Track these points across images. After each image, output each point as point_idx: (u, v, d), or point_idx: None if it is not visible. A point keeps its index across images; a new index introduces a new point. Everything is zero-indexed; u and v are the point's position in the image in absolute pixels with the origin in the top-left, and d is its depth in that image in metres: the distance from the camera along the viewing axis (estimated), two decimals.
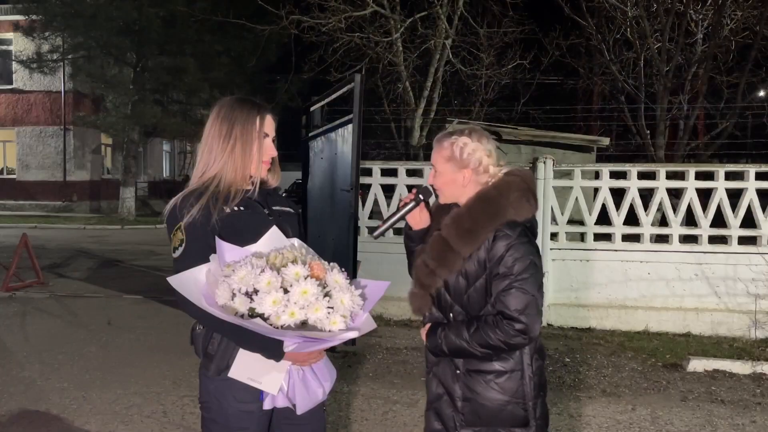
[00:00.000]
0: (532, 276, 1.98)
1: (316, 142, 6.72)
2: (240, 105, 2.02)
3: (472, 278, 2.04)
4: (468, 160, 2.09)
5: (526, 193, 2.07)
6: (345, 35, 13.41)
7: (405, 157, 15.84)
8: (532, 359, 2.08)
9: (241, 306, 1.70)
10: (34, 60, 20.50)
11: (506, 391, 2.04)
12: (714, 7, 11.97)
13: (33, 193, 23.88)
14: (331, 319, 1.71)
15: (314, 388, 1.95)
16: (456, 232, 2.04)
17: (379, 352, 5.82)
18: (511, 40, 14.96)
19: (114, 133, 21.99)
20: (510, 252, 1.98)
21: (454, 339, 2.03)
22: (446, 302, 2.11)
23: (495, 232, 2.00)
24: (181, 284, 1.79)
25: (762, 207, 6.77)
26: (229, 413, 1.93)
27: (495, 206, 2.02)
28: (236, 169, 1.96)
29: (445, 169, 2.13)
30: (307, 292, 1.69)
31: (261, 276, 1.70)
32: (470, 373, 2.07)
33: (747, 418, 4.40)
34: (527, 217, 2.07)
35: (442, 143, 2.15)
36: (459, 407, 2.08)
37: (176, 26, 18.98)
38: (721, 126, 12.86)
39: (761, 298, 6.61)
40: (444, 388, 2.13)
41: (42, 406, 4.35)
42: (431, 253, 2.10)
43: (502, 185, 2.07)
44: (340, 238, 5.54)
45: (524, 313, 1.95)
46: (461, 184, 2.11)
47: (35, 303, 7.71)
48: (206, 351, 1.93)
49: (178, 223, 1.90)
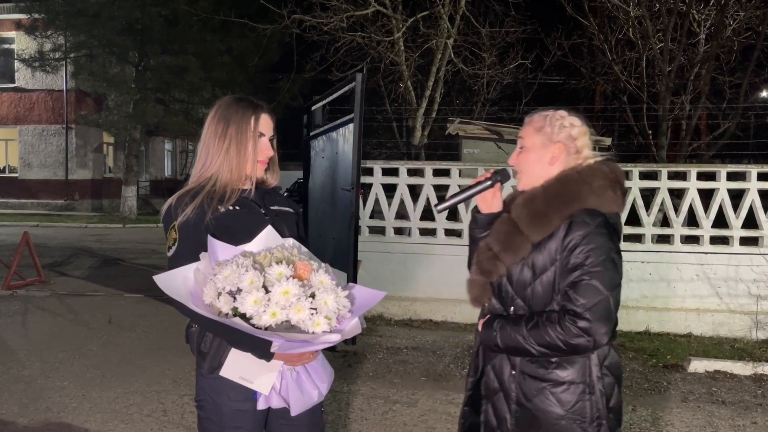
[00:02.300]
0: (607, 272, 1.75)
1: (317, 142, 6.72)
2: (236, 105, 2.01)
3: (539, 270, 1.82)
4: (561, 134, 1.89)
5: (614, 184, 1.85)
6: (347, 35, 13.40)
7: (407, 157, 15.83)
8: (602, 372, 1.82)
9: (225, 305, 1.69)
10: (37, 59, 20.53)
11: (563, 404, 1.80)
12: (717, 7, 11.96)
13: (35, 192, 23.91)
14: (314, 321, 1.67)
15: (309, 389, 1.93)
16: (527, 212, 1.83)
17: (379, 352, 5.81)
18: (513, 39, 14.94)
19: (116, 131, 22.00)
20: (585, 241, 1.75)
21: (510, 332, 1.82)
22: (507, 294, 1.90)
23: (571, 218, 1.78)
24: (168, 283, 1.78)
25: (764, 208, 6.76)
26: (223, 411, 1.92)
27: (575, 190, 1.81)
28: (231, 169, 1.96)
29: (534, 143, 1.91)
30: (289, 292, 1.66)
31: (244, 275, 1.68)
32: (525, 375, 1.86)
33: (748, 419, 4.39)
34: (611, 210, 1.84)
35: (533, 116, 1.95)
36: (512, 411, 1.89)
37: (178, 25, 18.98)
38: (724, 126, 12.84)
39: (763, 299, 6.60)
40: (499, 384, 1.93)
41: (42, 405, 4.35)
42: (497, 236, 1.89)
43: (587, 170, 1.86)
44: (340, 238, 5.54)
45: (591, 310, 1.72)
46: (548, 162, 1.89)
47: (36, 301, 7.72)
48: (199, 349, 1.93)
49: (173, 222, 1.91)
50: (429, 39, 14.13)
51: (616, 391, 1.86)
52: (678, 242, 6.87)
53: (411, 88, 14.68)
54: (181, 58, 20.10)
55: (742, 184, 6.82)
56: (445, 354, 5.81)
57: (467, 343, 6.14)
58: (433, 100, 14.91)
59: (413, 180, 7.48)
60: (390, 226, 7.34)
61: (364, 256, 5.87)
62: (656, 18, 12.39)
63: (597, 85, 16.57)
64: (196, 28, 18.24)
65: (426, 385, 4.97)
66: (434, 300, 7.02)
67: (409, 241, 7.31)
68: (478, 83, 16.33)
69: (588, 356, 1.81)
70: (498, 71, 15.60)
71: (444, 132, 12.23)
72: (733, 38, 12.18)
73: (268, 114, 2.04)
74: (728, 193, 6.81)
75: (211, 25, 17.38)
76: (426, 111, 14.72)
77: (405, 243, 7.31)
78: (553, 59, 15.58)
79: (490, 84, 16.67)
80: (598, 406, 1.80)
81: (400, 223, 7.43)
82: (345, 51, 13.93)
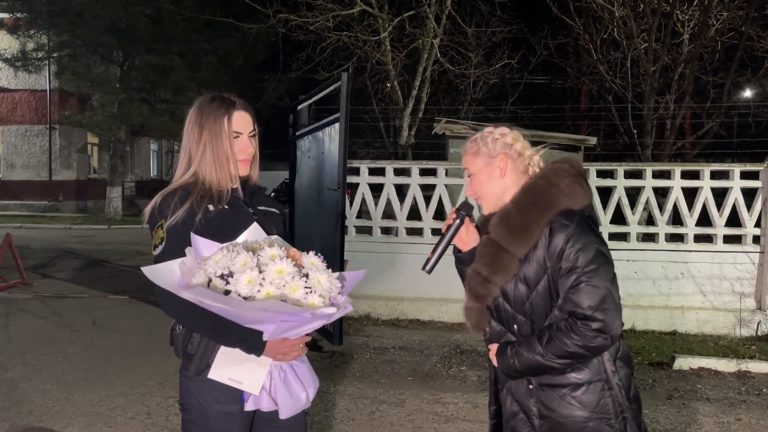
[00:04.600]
0: (601, 266, 1.77)
1: (303, 141, 6.69)
2: (209, 107, 1.98)
3: (533, 282, 1.82)
4: (497, 146, 1.91)
5: (578, 178, 1.87)
6: (333, 34, 13.38)
7: (394, 157, 15.82)
8: (616, 366, 1.83)
9: (216, 290, 1.68)
10: (19, 58, 20.26)
11: (586, 405, 1.79)
12: (700, 7, 12.06)
13: (18, 193, 23.62)
14: (309, 300, 1.67)
15: (297, 391, 1.92)
16: (507, 230, 1.83)
17: (366, 352, 5.80)
18: (499, 39, 15.01)
19: (100, 132, 21.79)
20: (570, 243, 1.76)
21: (527, 355, 1.80)
22: (507, 313, 1.89)
23: (550, 224, 1.79)
24: (155, 274, 1.77)
25: (747, 206, 6.82)
26: (209, 414, 1.90)
27: (545, 196, 1.82)
28: (212, 171, 1.95)
29: (478, 166, 1.93)
30: (283, 271, 1.66)
31: (237, 257, 1.67)
32: (543, 387, 1.84)
33: (732, 416, 4.42)
34: (583, 204, 1.86)
35: (465, 146, 1.98)
36: (536, 426, 1.86)
37: (163, 24, 18.82)
38: (707, 126, 12.96)
39: (746, 297, 6.66)
40: (519, 405, 1.91)
41: (24, 408, 4.29)
42: (483, 260, 1.88)
43: (549, 173, 1.88)
44: (327, 237, 5.52)
45: (599, 309, 1.72)
46: (499, 177, 1.91)
47: (19, 303, 7.62)
48: (186, 351, 1.91)
49: (159, 221, 1.89)
50: (415, 39, 14.14)
51: (631, 382, 1.87)
52: (663, 241, 6.91)
53: (397, 87, 14.68)
54: (166, 58, 19.94)
55: (726, 183, 6.88)
56: (432, 354, 5.81)
57: (454, 342, 6.15)
58: (419, 100, 14.92)
59: (400, 179, 7.47)
60: (377, 226, 7.33)
61: (350, 255, 5.85)
62: (641, 18, 12.48)
63: (583, 85, 16.67)
64: (181, 27, 18.07)
65: (413, 384, 4.96)
66: (421, 300, 7.02)
67: (396, 241, 7.30)
68: (464, 83, 16.38)
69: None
70: (484, 71, 15.65)
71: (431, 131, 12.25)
72: (716, 38, 12.29)
73: (243, 110, 2.01)
74: (712, 191, 6.87)
75: (196, 24, 17.24)
76: (413, 111, 14.73)
77: (392, 243, 7.30)
78: (539, 59, 15.67)
79: (476, 84, 16.72)
80: (619, 400, 1.80)
81: (387, 222, 7.42)
82: (331, 50, 13.91)
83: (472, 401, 4.58)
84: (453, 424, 4.18)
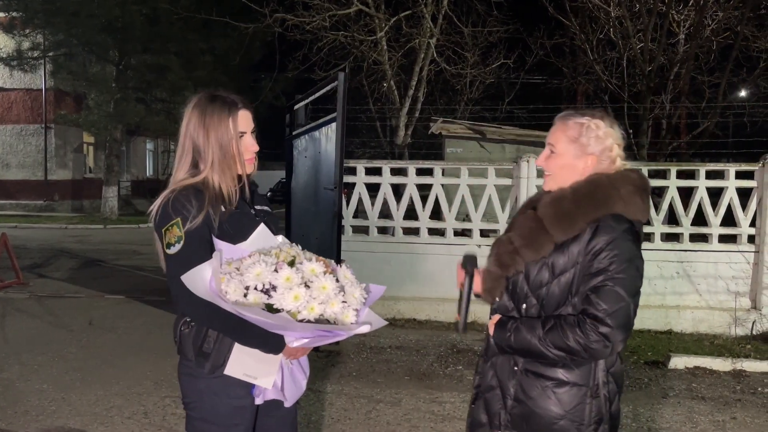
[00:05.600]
0: (631, 279, 1.74)
1: (299, 141, 6.70)
2: (211, 107, 1.97)
3: (558, 271, 1.81)
4: (596, 147, 1.85)
5: (641, 192, 1.85)
6: (329, 33, 13.38)
7: (390, 156, 15.83)
8: (608, 379, 1.82)
9: (256, 303, 1.73)
10: (15, 57, 20.20)
11: (563, 404, 1.80)
12: (696, 7, 12.09)
13: (13, 193, 23.55)
14: (345, 314, 1.76)
15: (300, 379, 2.05)
16: (554, 212, 1.81)
17: (362, 351, 5.80)
18: (495, 39, 15.04)
19: (96, 131, 21.74)
20: (611, 247, 1.74)
21: (526, 334, 1.80)
22: (521, 291, 1.88)
23: (597, 222, 1.77)
24: (193, 282, 1.79)
25: (742, 206, 6.85)
26: (220, 410, 1.95)
27: (603, 194, 1.79)
28: (221, 172, 1.95)
29: (567, 151, 1.88)
30: (327, 288, 1.74)
31: (280, 272, 1.73)
32: (528, 373, 1.85)
33: (727, 415, 4.45)
34: (637, 217, 1.83)
35: (567, 121, 1.89)
36: (508, 406, 1.89)
37: (159, 24, 18.79)
38: (703, 125, 12.98)
39: (741, 296, 6.69)
40: (498, 381, 1.93)
41: (20, 408, 4.28)
42: (520, 231, 1.87)
43: (617, 176, 1.84)
44: (324, 237, 5.53)
45: (612, 316, 1.70)
46: (579, 173, 1.87)
47: (15, 303, 7.60)
48: (201, 350, 1.92)
49: (174, 219, 1.86)
50: (412, 38, 14.15)
51: (616, 399, 1.87)
52: (658, 240, 6.93)
53: (394, 87, 14.69)
54: (162, 57, 19.89)
55: (721, 183, 6.90)
56: (428, 353, 5.82)
57: (451, 342, 6.16)
58: (416, 100, 14.93)
59: (396, 179, 7.48)
60: (373, 226, 7.34)
61: (347, 255, 5.85)
62: (636, 18, 12.50)
63: (578, 85, 16.67)
64: (178, 26, 18.06)
65: (409, 384, 4.97)
66: (418, 299, 7.03)
67: (393, 241, 7.31)
68: (460, 83, 16.38)
69: (596, 361, 1.81)
70: (480, 71, 15.67)
71: (427, 131, 12.25)
72: (711, 38, 12.32)
73: (245, 108, 2.01)
74: (707, 191, 6.90)
75: (193, 23, 17.23)
76: (409, 110, 14.74)
77: (389, 242, 7.31)
78: (536, 59, 15.70)
79: (472, 83, 16.75)
80: (600, 411, 1.80)
81: (383, 222, 7.42)
82: (328, 50, 13.91)
83: (469, 400, 4.59)
84: (449, 423, 4.19)
